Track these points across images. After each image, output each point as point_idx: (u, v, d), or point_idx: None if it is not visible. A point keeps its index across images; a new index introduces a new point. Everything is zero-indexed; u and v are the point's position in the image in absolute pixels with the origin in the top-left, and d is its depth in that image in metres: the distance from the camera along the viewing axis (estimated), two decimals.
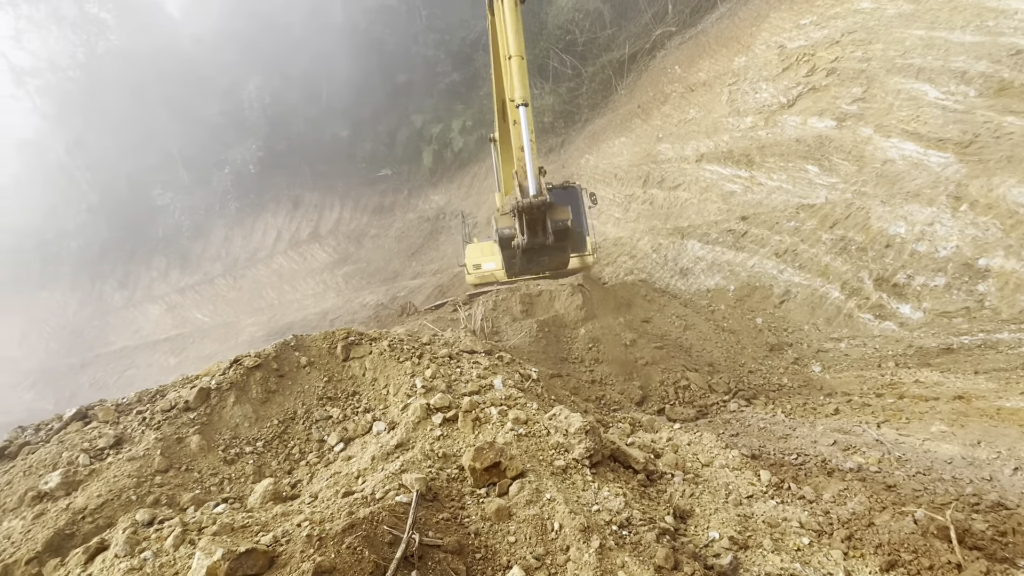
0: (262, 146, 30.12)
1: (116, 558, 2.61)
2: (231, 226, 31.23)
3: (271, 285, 28.31)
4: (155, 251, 32.63)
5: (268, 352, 4.96)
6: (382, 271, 25.54)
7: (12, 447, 4.27)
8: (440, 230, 25.43)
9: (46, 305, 34.16)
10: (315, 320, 23.59)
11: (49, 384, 29.75)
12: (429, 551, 2.96)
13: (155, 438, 4.00)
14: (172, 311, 30.45)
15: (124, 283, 32.57)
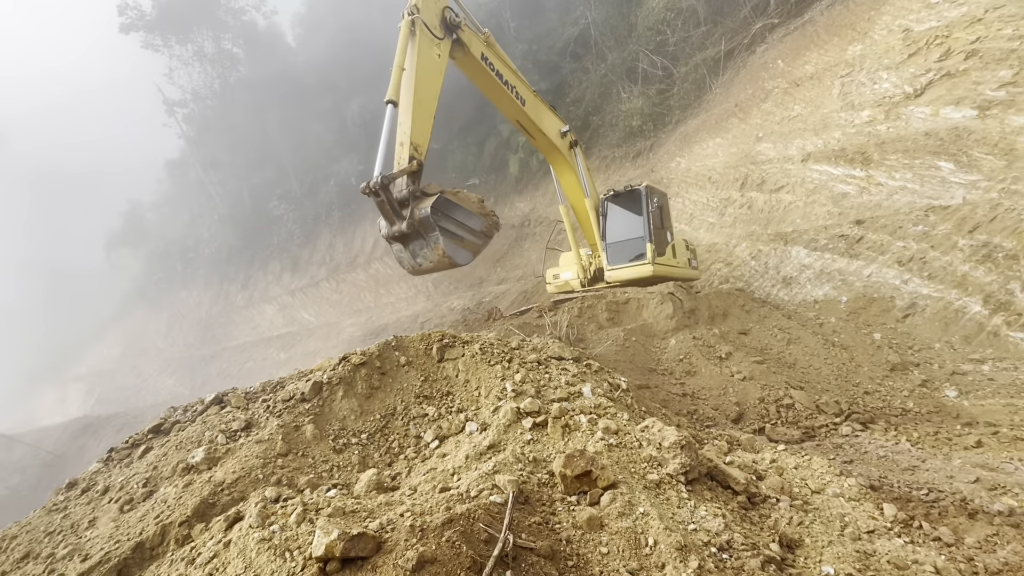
0: (363, 159, 32.56)
1: (250, 528, 2.96)
2: (335, 234, 34.01)
3: (368, 289, 30.36)
4: (271, 257, 36.38)
5: (372, 351, 5.33)
6: (468, 277, 26.38)
7: (166, 424, 4.98)
8: (525, 237, 25.76)
9: (185, 303, 39.40)
10: (407, 322, 24.90)
11: (186, 372, 34.20)
12: (522, 553, 3.01)
13: (277, 424, 4.46)
14: (283, 311, 33.72)
15: (246, 285, 36.69)
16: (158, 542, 3.38)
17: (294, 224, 35.02)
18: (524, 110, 10.35)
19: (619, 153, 22.38)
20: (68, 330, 47.09)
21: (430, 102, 8.17)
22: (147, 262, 42.99)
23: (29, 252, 60.49)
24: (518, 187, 27.63)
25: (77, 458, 26.37)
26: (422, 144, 7.77)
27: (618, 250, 11.48)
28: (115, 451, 4.80)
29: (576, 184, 11.78)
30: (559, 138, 11.24)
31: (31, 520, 4.22)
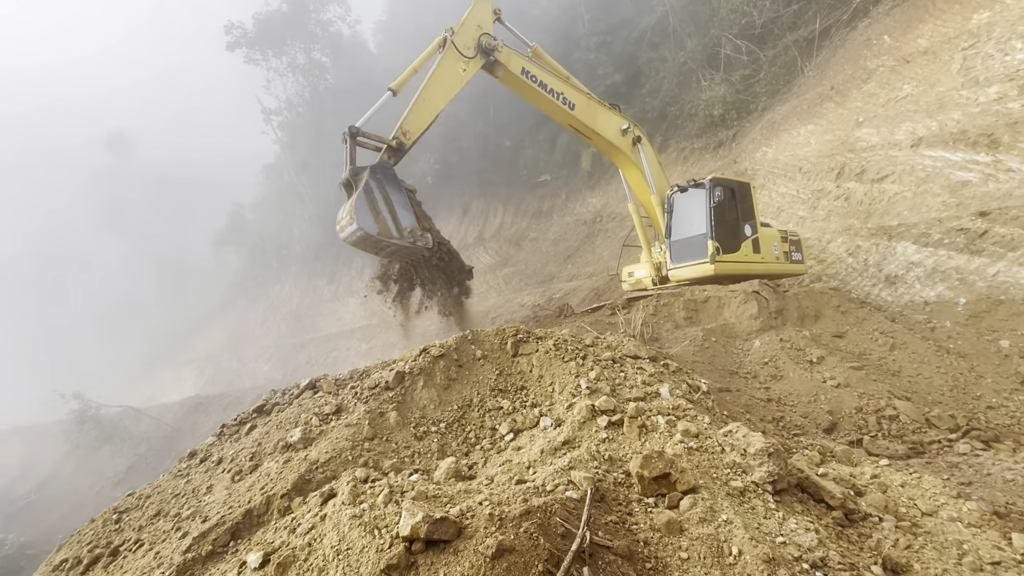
0: (438, 159, 33.66)
1: (343, 505, 3.19)
2: None
3: None
4: (354, 253, 38.61)
5: (450, 344, 5.52)
6: (539, 273, 26.46)
7: (268, 405, 5.47)
8: (596, 233, 25.38)
9: (279, 295, 42.92)
10: (478, 317, 25.42)
11: (279, 359, 37.28)
12: (599, 550, 2.99)
13: (364, 410, 4.75)
14: (365, 304, 35.71)
15: (331, 280, 39.28)
16: (263, 511, 3.74)
17: None
18: (574, 115, 10.50)
19: (698, 144, 21.38)
20: (182, 318, 52.98)
21: (436, 102, 9.42)
22: (247, 258, 47.30)
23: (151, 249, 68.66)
24: (590, 182, 27.26)
25: (190, 432, 29.61)
26: (411, 131, 9.17)
27: (681, 248, 11.02)
28: (226, 427, 5.36)
29: (642, 181, 11.45)
30: (619, 136, 11.06)
31: (160, 483, 4.82)
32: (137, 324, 57.07)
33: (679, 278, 11.02)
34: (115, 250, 70.28)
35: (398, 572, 2.69)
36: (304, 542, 3.09)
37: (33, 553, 23.94)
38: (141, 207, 71.86)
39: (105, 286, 63.97)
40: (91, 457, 30.86)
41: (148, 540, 3.92)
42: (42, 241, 72.83)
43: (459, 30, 9.72)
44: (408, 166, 34.40)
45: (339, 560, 2.85)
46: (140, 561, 3.63)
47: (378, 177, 8.16)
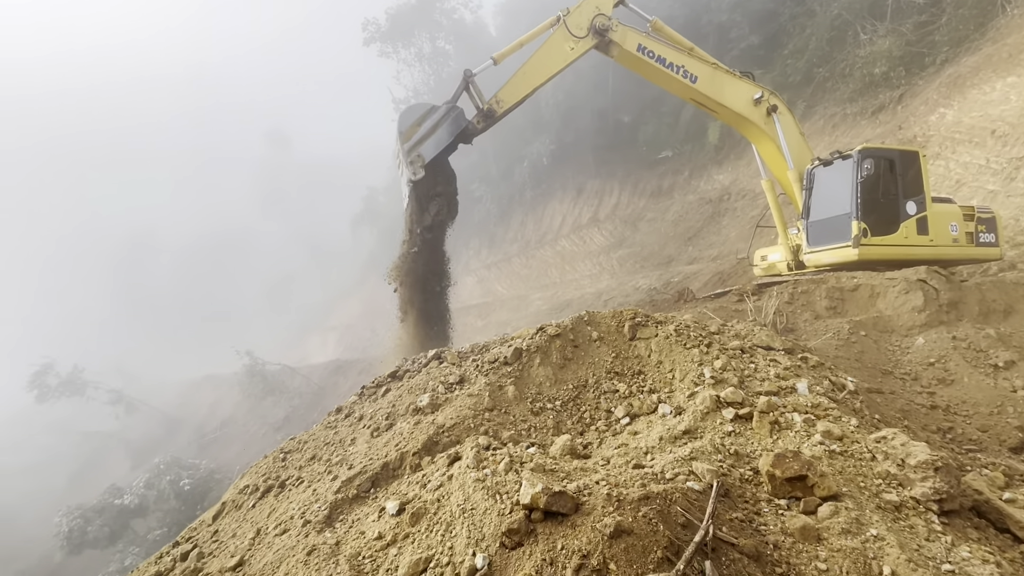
0: (554, 139, 33.55)
1: (468, 468, 3.43)
2: (526, 212, 36.05)
3: (555, 265, 31.57)
4: (472, 234, 40.42)
5: (566, 324, 5.56)
6: (656, 255, 25.35)
7: (400, 372, 6.02)
8: (723, 213, 23.53)
9: None
10: (591, 299, 25.23)
11: None
12: (722, 546, 2.86)
13: (484, 382, 5.01)
14: (481, 283, 37.34)
15: (451, 259, 41.68)
16: (398, 465, 4.16)
17: (491, 204, 38.17)
18: (696, 88, 9.72)
19: (852, 110, 18.63)
20: (327, 291, 60.13)
21: (535, 77, 9.68)
22: (379, 238, 51.93)
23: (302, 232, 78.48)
24: (718, 157, 25.24)
25: (332, 390, 33.70)
26: (505, 101, 9.69)
27: (820, 229, 9.69)
28: (365, 388, 6.03)
29: (777, 154, 10.27)
30: (749, 107, 10.00)
31: (314, 432, 5.60)
32: (292, 296, 66.07)
33: (816, 263, 9.83)
34: (275, 233, 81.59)
35: (518, 536, 2.83)
36: (434, 497, 3.39)
37: (219, 477, 29.40)
38: (294, 194, 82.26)
39: (268, 264, 74.80)
40: (258, 405, 36.74)
41: (307, 478, 4.59)
42: (220, 226, 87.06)
43: (575, 10, 9.64)
44: (523, 147, 34.85)
45: (464, 517, 3.08)
46: (301, 495, 4.27)
47: (449, 113, 9.28)
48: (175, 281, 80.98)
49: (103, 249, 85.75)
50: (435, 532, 3.12)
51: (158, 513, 26.40)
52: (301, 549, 3.31)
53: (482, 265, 38.12)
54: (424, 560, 2.94)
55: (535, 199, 35.47)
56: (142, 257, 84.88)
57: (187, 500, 26.57)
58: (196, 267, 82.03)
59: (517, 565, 2.71)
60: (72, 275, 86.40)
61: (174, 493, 26.58)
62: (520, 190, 36.30)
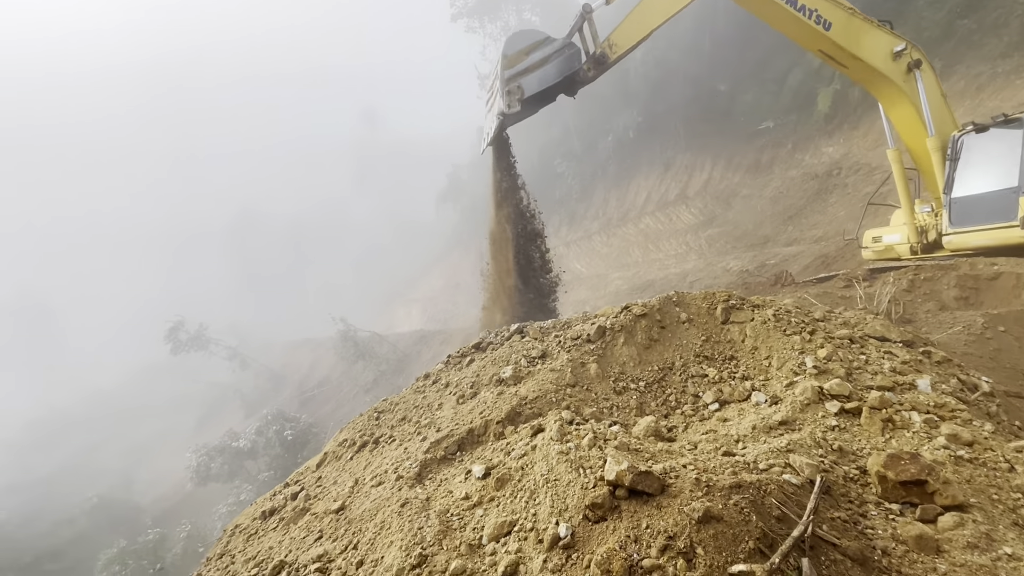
0: (641, 111, 32.08)
1: (551, 440, 3.48)
2: (609, 188, 35.07)
3: (637, 244, 30.57)
4: (552, 211, 40.15)
5: (653, 304, 5.39)
6: (750, 235, 23.66)
7: (483, 343, 6.20)
8: (830, 189, 21.33)
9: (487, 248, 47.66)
10: (674, 280, 24.23)
11: None
12: (822, 545, 2.69)
13: (567, 358, 5.03)
14: (559, 261, 37.17)
15: None
16: (482, 432, 4.33)
17: (573, 180, 37.55)
18: (828, 36, 8.44)
19: (1005, 67, 15.91)
20: (412, 264, 63.03)
21: (652, 18, 8.89)
22: (462, 214, 53.27)
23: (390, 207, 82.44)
24: (827, 128, 22.81)
25: (416, 358, 35.58)
26: (618, 45, 8.96)
27: (969, 207, 8.37)
28: (451, 357, 6.30)
29: (914, 119, 8.94)
30: (888, 61, 8.66)
31: (404, 395, 5.96)
32: (380, 267, 70.05)
33: (961, 246, 8.60)
34: (366, 208, 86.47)
35: (601, 511, 2.85)
36: (518, 465, 3.49)
37: (316, 431, 32.46)
38: (383, 171, 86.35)
39: (359, 238, 79.70)
40: (350, 368, 39.77)
41: (399, 437, 4.92)
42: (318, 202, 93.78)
43: None
44: (608, 120, 33.71)
45: (548, 487, 3.15)
46: (394, 452, 4.59)
47: (564, 49, 8.61)
48: (280, 252, 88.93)
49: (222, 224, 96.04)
50: (519, 498, 3.22)
51: (266, 457, 29.79)
52: (395, 501, 3.57)
53: (561, 242, 37.83)
54: (508, 523, 3.06)
55: (619, 175, 34.37)
56: (253, 231, 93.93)
57: (289, 448, 29.71)
58: (298, 240, 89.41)
59: (600, 538, 2.74)
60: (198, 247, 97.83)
61: (279, 441, 29.81)
62: (603, 165, 35.33)
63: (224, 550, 4.63)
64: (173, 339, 44.32)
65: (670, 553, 2.54)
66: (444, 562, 2.87)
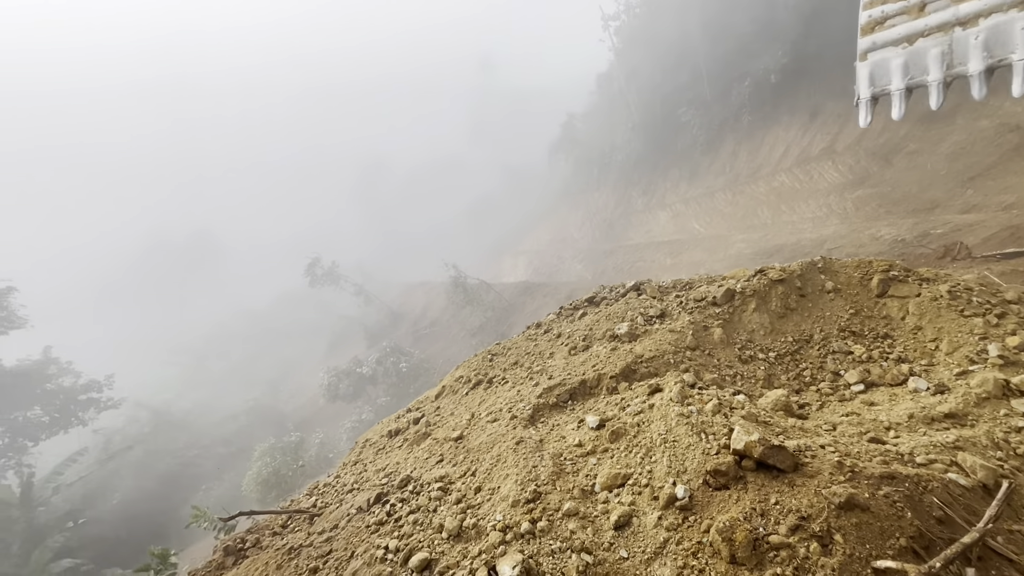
0: (788, 51, 28.00)
1: (671, 401, 3.38)
2: (740, 141, 31.73)
3: (767, 204, 27.62)
4: (672, 164, 37.56)
5: (793, 269, 4.86)
6: (913, 199, 20.12)
7: (597, 298, 6.11)
8: None
9: (596, 202, 46.32)
10: (808, 246, 21.67)
11: (590, 261, 41.15)
12: (992, 558, 2.33)
13: (688, 320, 4.77)
14: (675, 219, 34.99)
15: (646, 191, 39.67)
16: (594, 384, 4.33)
17: (699, 130, 34.50)
18: None
19: None
20: (520, 215, 63.63)
21: None
22: (574, 166, 52.00)
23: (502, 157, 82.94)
24: None
25: (520, 309, 36.56)
26: None
27: None
28: (564, 309, 6.31)
29: None
30: None
31: (516, 341, 6.14)
32: (490, 217, 71.77)
33: None
34: (479, 158, 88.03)
35: (724, 479, 2.73)
36: (633, 421, 3.46)
37: (427, 367, 35.30)
38: (498, 121, 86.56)
39: (472, 188, 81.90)
40: (459, 312, 42.09)
41: (511, 380, 5.12)
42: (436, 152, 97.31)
43: None
44: (746, 62, 30.09)
45: (665, 447, 3.08)
46: (507, 393, 4.80)
47: None
48: (401, 199, 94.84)
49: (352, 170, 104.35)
50: (634, 453, 3.20)
51: (384, 384, 33.22)
52: (510, 438, 3.76)
53: (679, 199, 35.47)
54: (622, 476, 3.06)
55: (753, 125, 30.82)
56: (378, 177, 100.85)
57: (403, 379, 32.79)
58: (416, 188, 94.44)
59: (721, 506, 2.64)
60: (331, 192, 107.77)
61: (395, 372, 32.99)
62: (736, 114, 31.85)
63: (357, 458, 5.28)
64: (311, 273, 50.11)
65: (802, 534, 2.37)
66: (557, 501, 2.98)
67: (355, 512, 3.63)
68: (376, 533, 3.27)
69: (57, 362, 32.61)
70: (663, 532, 2.63)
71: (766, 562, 2.32)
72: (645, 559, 2.53)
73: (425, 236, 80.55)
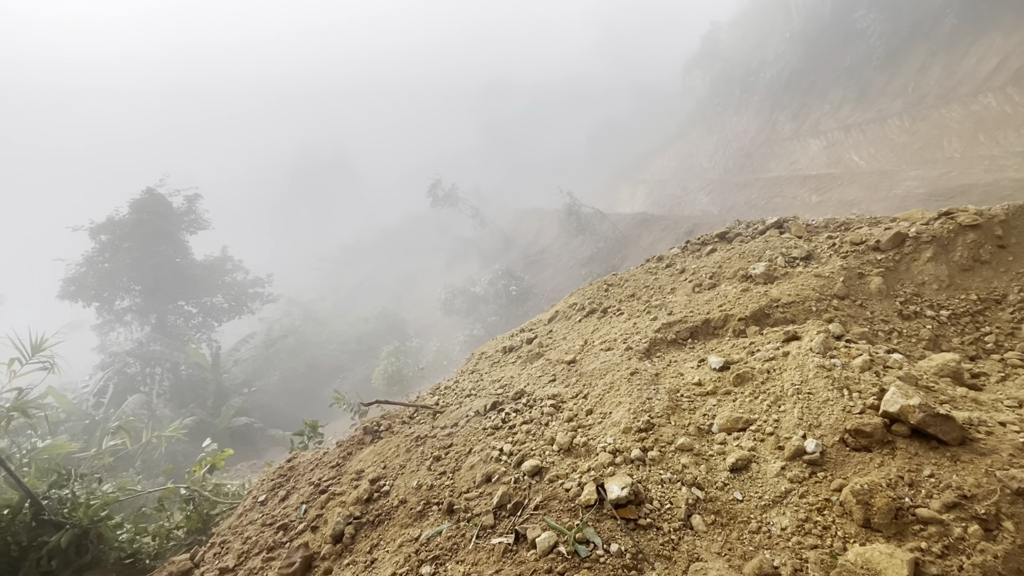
0: None
1: (811, 351, 3.08)
2: (934, 52, 25.61)
3: (959, 133, 22.48)
4: (835, 83, 31.79)
5: (995, 214, 3.98)
6: None
7: (730, 234, 5.61)
8: None
9: (734, 128, 41.40)
10: (1009, 189, 17.56)
11: (719, 194, 37.68)
12: None
13: (840, 265, 4.21)
14: (829, 149, 30.17)
15: (796, 114, 34.38)
16: (720, 325, 4.09)
17: (877, 39, 28.39)
18: None
19: None
20: (645, 141, 59.45)
21: None
22: (711, 85, 46.45)
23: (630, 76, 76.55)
24: None
25: (634, 241, 35.27)
26: None
27: None
28: (690, 244, 5.92)
29: None
30: None
31: (634, 273, 5.95)
32: (612, 143, 68.08)
33: None
34: (605, 79, 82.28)
35: (866, 440, 2.48)
36: (762, 367, 3.23)
37: (535, 292, 36.22)
38: (628, 36, 79.11)
39: (594, 109, 77.55)
40: (570, 241, 41.84)
41: (627, 312, 5.04)
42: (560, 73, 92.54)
43: None
44: None
45: (798, 398, 2.86)
46: (622, 325, 4.74)
47: None
48: (522, 123, 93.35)
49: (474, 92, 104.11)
50: (760, 400, 3.02)
51: (494, 305, 34.95)
52: (625, 368, 3.75)
53: (838, 125, 30.27)
54: (744, 421, 2.93)
55: (958, 31, 24.55)
56: (502, 101, 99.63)
57: (513, 301, 34.14)
58: (538, 113, 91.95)
59: (859, 468, 2.42)
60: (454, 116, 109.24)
61: (505, 294, 34.40)
62: (935, 17, 25.52)
63: (474, 368, 5.69)
64: (432, 194, 52.63)
65: (960, 513, 2.10)
66: (671, 435, 2.96)
67: (473, 415, 3.97)
68: (492, 436, 3.56)
69: (232, 260, 38.91)
70: (785, 482, 2.50)
71: (908, 534, 2.11)
72: (762, 505, 2.45)
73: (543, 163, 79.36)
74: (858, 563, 2.02)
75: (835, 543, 2.18)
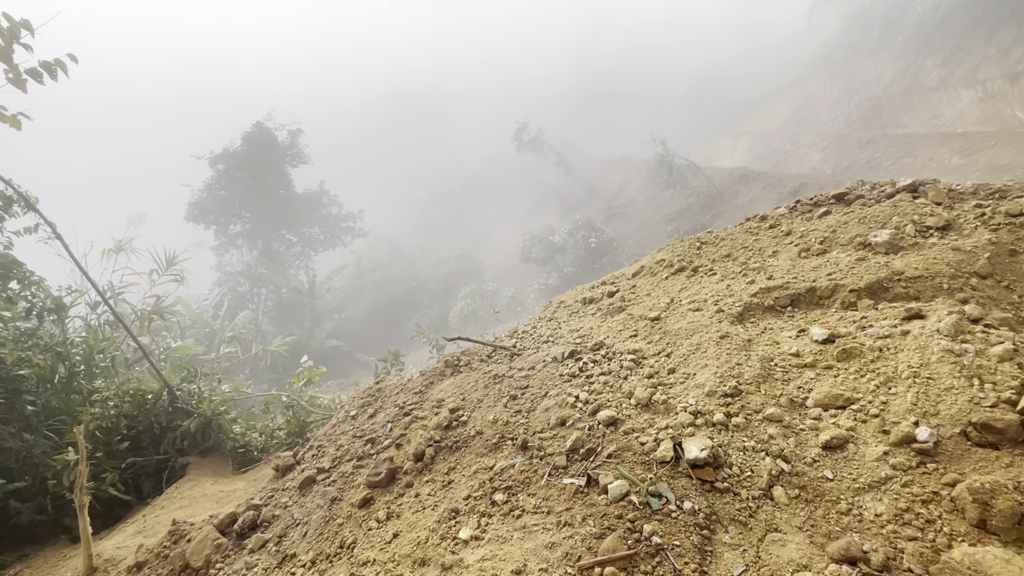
0: None
1: (937, 332, 2.74)
2: None
3: None
4: (1005, 20, 26.35)
5: None
6: None
7: (850, 195, 5.02)
8: None
9: (864, 75, 36.09)
10: None
11: (835, 151, 33.60)
12: None
13: (987, 239, 3.64)
14: (986, 101, 25.50)
15: (949, 59, 29.13)
16: (827, 295, 3.74)
17: None
18: None
19: None
20: (753, 88, 53.70)
21: None
22: (844, 23, 40.40)
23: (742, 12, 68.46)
24: None
25: (731, 199, 32.86)
26: None
27: None
28: (800, 204, 5.37)
29: None
30: None
31: (732, 232, 5.56)
32: (715, 89, 62.28)
33: None
34: (717, 12, 74.25)
35: (995, 437, 2.21)
36: (873, 344, 2.94)
37: (616, 245, 35.28)
38: None
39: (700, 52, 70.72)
40: (658, 194, 39.81)
41: (720, 272, 4.75)
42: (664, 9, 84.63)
43: None
44: None
45: (914, 382, 2.59)
46: (714, 286, 4.50)
47: None
48: (617, 63, 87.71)
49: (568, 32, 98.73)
50: (866, 379, 2.77)
51: (572, 256, 34.60)
52: (714, 331, 3.58)
53: (1002, 73, 25.33)
54: (845, 399, 2.72)
55: None
56: (597, 40, 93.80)
57: (591, 253, 33.59)
58: (636, 50, 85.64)
59: (980, 465, 2.18)
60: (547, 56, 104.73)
61: (584, 245, 33.86)
62: None
63: (552, 316, 5.73)
64: (518, 138, 51.80)
65: None
66: (759, 403, 2.83)
67: (550, 360, 4.03)
68: (568, 383, 3.61)
69: (328, 194, 41.44)
70: (887, 468, 2.32)
71: None
72: (855, 487, 2.30)
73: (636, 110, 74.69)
74: (964, 562, 1.86)
75: (939, 538, 2.02)
